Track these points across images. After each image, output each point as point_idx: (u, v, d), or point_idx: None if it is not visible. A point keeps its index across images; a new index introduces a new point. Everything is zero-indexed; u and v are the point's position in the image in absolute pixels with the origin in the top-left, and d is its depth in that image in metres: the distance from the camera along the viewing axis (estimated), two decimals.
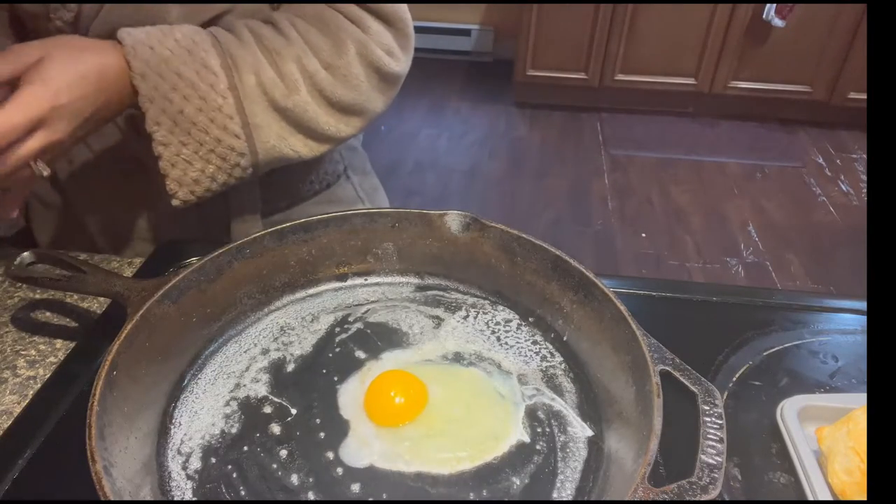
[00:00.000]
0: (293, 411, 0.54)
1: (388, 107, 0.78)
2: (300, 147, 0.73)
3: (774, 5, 2.88)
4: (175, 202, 0.68)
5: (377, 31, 0.72)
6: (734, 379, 0.60)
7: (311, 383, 0.56)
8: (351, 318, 0.63)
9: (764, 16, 2.93)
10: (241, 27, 0.69)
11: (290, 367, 0.58)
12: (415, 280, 0.67)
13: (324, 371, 0.57)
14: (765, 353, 0.63)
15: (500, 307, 0.64)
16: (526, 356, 0.59)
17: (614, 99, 3.31)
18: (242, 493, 0.48)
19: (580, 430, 0.53)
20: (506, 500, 0.48)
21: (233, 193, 0.79)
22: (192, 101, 0.65)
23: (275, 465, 0.49)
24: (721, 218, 2.67)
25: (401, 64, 0.75)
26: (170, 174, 0.67)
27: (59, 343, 0.65)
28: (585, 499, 0.48)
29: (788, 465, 0.53)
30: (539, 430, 0.53)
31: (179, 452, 0.50)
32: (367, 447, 0.51)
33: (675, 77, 3.18)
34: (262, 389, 0.55)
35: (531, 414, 0.54)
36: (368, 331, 0.62)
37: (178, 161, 0.66)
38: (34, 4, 0.68)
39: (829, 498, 0.49)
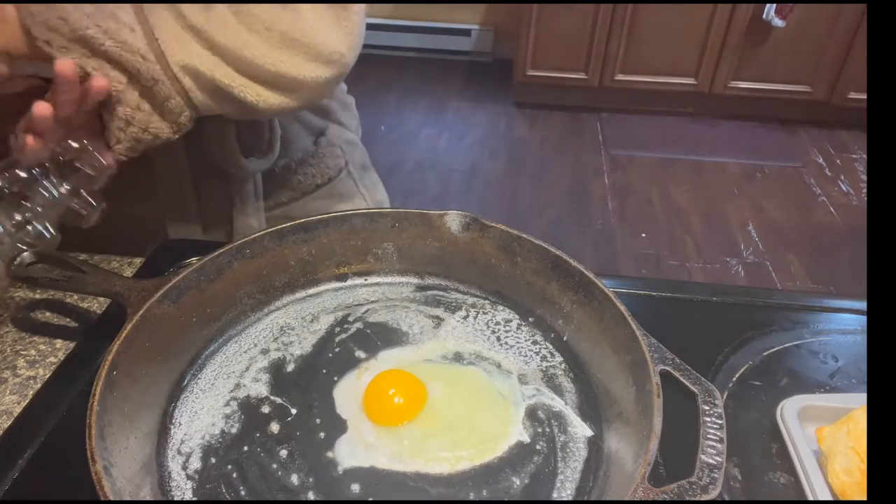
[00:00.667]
0: (293, 411, 0.54)
1: (352, 52, 0.65)
2: (261, 95, 0.62)
3: (774, 5, 2.88)
4: (116, 150, 0.62)
5: None
6: (734, 379, 0.60)
7: (311, 383, 0.56)
8: (351, 318, 0.63)
9: (764, 16, 2.93)
10: None
11: (290, 367, 0.58)
12: (415, 280, 0.67)
13: (324, 371, 0.57)
14: (765, 353, 0.63)
15: (500, 307, 0.64)
16: (526, 356, 0.59)
17: (614, 99, 3.31)
18: (242, 493, 0.48)
19: (580, 430, 0.53)
20: (506, 500, 0.48)
21: (234, 187, 0.79)
22: (100, 23, 0.56)
23: (275, 465, 0.49)
24: (721, 218, 2.67)
25: None
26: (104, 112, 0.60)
27: (59, 343, 0.65)
28: (585, 499, 0.48)
29: (788, 465, 0.53)
30: (539, 430, 0.53)
31: (179, 452, 0.50)
32: (366, 447, 0.51)
33: (675, 77, 3.18)
34: (262, 389, 0.55)
35: (531, 414, 0.54)
36: (368, 331, 0.62)
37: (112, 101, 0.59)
38: None
39: (829, 498, 0.49)
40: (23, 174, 0.63)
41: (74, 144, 0.65)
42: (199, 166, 0.79)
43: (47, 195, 0.65)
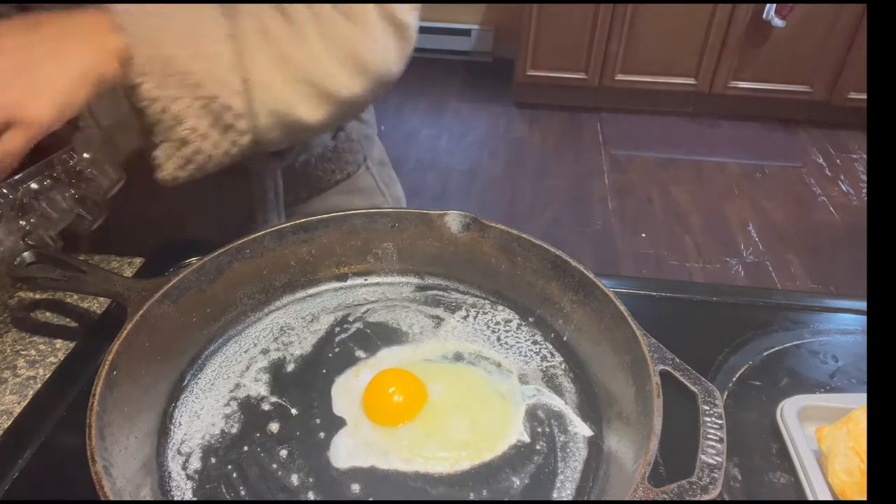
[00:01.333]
0: (293, 411, 0.54)
1: (399, 70, 0.69)
2: (305, 110, 0.63)
3: (774, 5, 2.88)
4: (158, 163, 0.60)
5: None
6: (734, 379, 0.60)
7: (311, 383, 0.56)
8: (351, 318, 0.63)
9: (764, 16, 2.93)
10: None
11: (290, 367, 0.58)
12: (415, 280, 0.67)
13: (324, 371, 0.57)
14: (765, 353, 0.63)
15: (500, 307, 0.64)
16: (526, 356, 0.59)
17: (614, 99, 3.31)
18: (242, 493, 0.48)
19: (580, 430, 0.53)
20: (506, 500, 0.48)
21: (254, 183, 0.78)
22: (187, 48, 0.56)
23: (275, 465, 0.49)
24: (721, 218, 2.67)
25: (412, 17, 0.67)
26: (155, 132, 0.59)
27: (59, 343, 0.65)
28: (585, 499, 0.48)
29: (788, 465, 0.53)
30: (539, 430, 0.53)
31: (179, 452, 0.50)
32: (366, 446, 0.51)
33: (675, 77, 3.18)
34: (262, 389, 0.55)
35: (531, 414, 0.54)
36: (368, 331, 0.62)
37: (165, 117, 0.58)
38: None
39: (829, 498, 0.49)
40: (34, 185, 0.64)
41: (86, 155, 0.66)
42: None
43: (56, 206, 0.65)
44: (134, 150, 0.74)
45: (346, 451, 0.50)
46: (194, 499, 0.47)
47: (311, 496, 0.47)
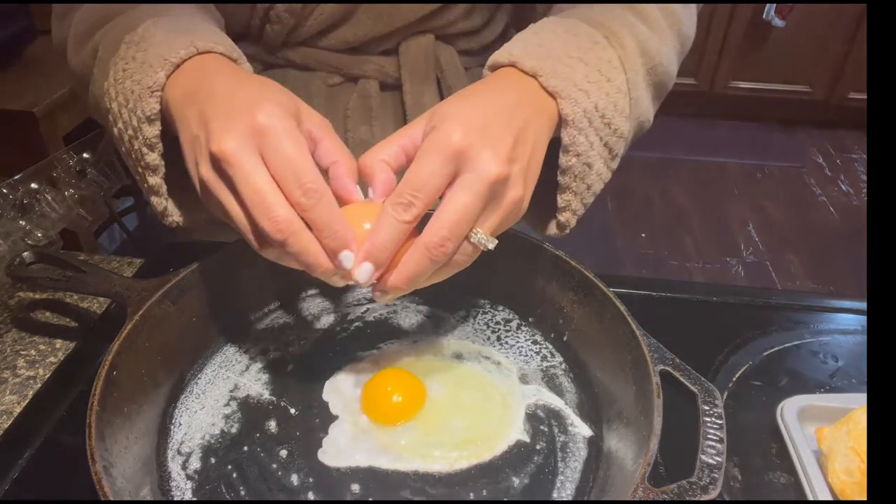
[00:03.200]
0: (293, 411, 0.54)
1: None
2: (651, 114, 0.59)
3: (774, 5, 2.88)
4: (563, 217, 0.55)
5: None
6: (734, 379, 0.60)
7: (310, 383, 0.56)
8: (351, 318, 0.63)
9: (764, 16, 2.93)
10: None
11: (290, 367, 0.58)
12: None
13: (324, 371, 0.57)
14: (765, 353, 0.63)
15: (500, 307, 0.64)
16: (526, 356, 0.59)
17: None
18: (242, 493, 0.48)
19: (580, 430, 0.53)
20: (506, 500, 0.48)
21: None
22: (601, 87, 0.51)
23: (275, 465, 0.49)
24: (721, 218, 2.67)
25: None
26: (571, 186, 0.53)
27: (59, 343, 0.65)
28: (585, 499, 0.48)
29: (788, 465, 0.53)
30: (539, 430, 0.53)
31: (179, 452, 0.50)
32: (365, 446, 0.51)
33: (676, 77, 3.18)
34: (261, 389, 0.55)
35: (531, 414, 0.54)
36: (368, 330, 0.62)
37: (579, 162, 0.52)
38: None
39: (829, 498, 0.49)
40: (34, 185, 0.64)
41: (86, 155, 0.66)
42: None
43: (56, 206, 0.65)
44: None
45: (345, 451, 0.50)
46: (194, 499, 0.47)
47: (310, 496, 0.47)
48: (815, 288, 2.33)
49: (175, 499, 0.47)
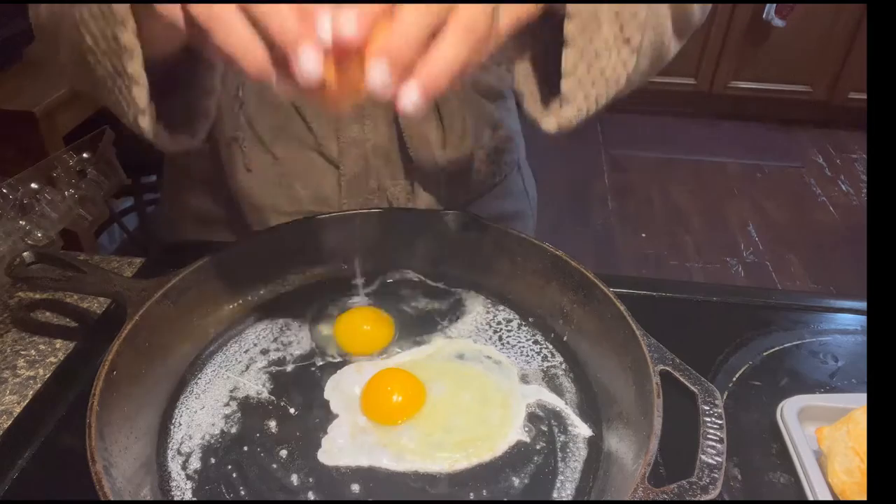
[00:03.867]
0: (293, 411, 0.54)
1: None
2: (671, 42, 0.59)
3: (774, 5, 2.88)
4: (567, 111, 0.55)
5: None
6: (734, 379, 0.60)
7: (310, 383, 0.56)
8: None
9: (764, 16, 2.93)
10: None
11: (290, 368, 0.58)
12: (415, 280, 0.67)
13: (323, 371, 0.57)
14: (765, 353, 0.63)
15: (500, 307, 0.64)
16: (527, 356, 0.59)
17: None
18: (242, 493, 0.48)
19: (580, 430, 0.53)
20: (506, 500, 0.48)
21: (416, 190, 0.76)
22: None
23: (275, 465, 0.49)
24: (721, 218, 2.67)
25: None
26: (577, 70, 0.53)
27: (59, 343, 0.65)
28: (585, 499, 0.48)
29: (788, 465, 0.53)
30: (539, 430, 0.53)
31: (179, 452, 0.50)
32: (365, 446, 0.51)
33: (675, 77, 3.18)
34: (261, 389, 0.55)
35: (531, 414, 0.54)
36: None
37: (588, 47, 0.52)
38: None
39: (829, 498, 0.49)
40: (34, 185, 0.64)
41: (86, 155, 0.66)
42: None
43: (56, 206, 0.65)
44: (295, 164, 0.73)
45: (345, 451, 0.50)
46: (194, 499, 0.47)
47: (310, 496, 0.47)
48: (815, 288, 2.33)
49: (175, 499, 0.47)
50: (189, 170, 0.83)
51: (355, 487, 0.48)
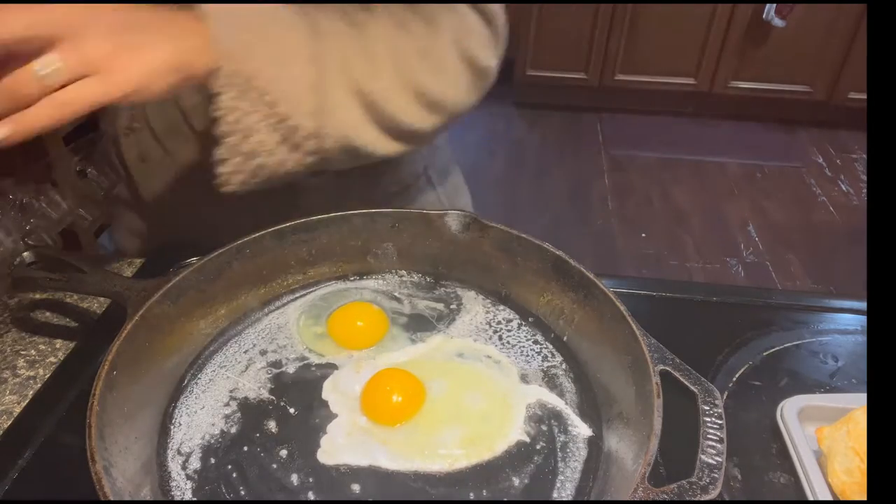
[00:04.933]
0: (292, 411, 0.54)
1: (474, 106, 0.70)
2: (375, 142, 0.64)
3: (774, 5, 2.88)
4: (222, 170, 0.59)
5: (473, 21, 0.66)
6: (734, 379, 0.60)
7: (310, 383, 0.56)
8: None
9: (764, 16, 2.93)
10: None
11: (290, 368, 0.58)
12: (415, 280, 0.67)
13: (323, 371, 0.57)
14: (765, 353, 0.63)
15: (500, 307, 0.64)
16: (527, 356, 0.59)
17: (614, 99, 3.31)
18: (242, 493, 0.48)
19: (580, 430, 0.53)
20: (506, 500, 0.48)
21: (303, 196, 0.76)
22: (271, 67, 0.57)
23: (275, 465, 0.49)
24: (721, 218, 2.67)
25: (494, 61, 0.69)
26: (226, 141, 0.58)
27: (59, 343, 0.65)
28: (585, 499, 0.48)
29: (788, 465, 0.53)
30: (539, 429, 0.53)
31: (179, 452, 0.50)
32: (365, 446, 0.51)
33: (675, 77, 3.18)
34: (261, 389, 0.55)
35: (531, 414, 0.54)
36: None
37: (237, 128, 0.57)
38: None
39: (829, 498, 0.49)
40: (35, 185, 0.64)
41: (86, 155, 0.66)
42: None
43: (56, 206, 0.65)
44: (185, 158, 0.74)
45: (345, 451, 0.50)
46: (194, 499, 0.47)
47: (310, 496, 0.47)
48: (815, 288, 2.33)
49: (175, 499, 0.47)
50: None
51: (355, 487, 0.48)
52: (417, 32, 0.63)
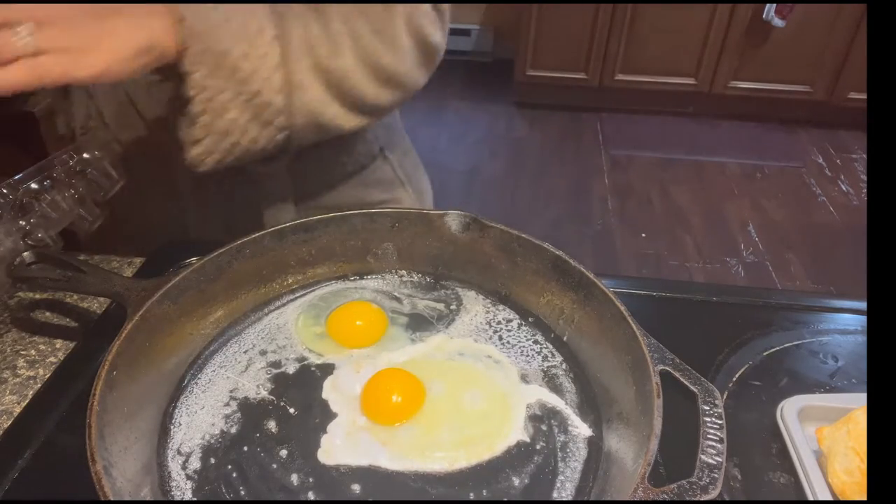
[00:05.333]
0: (292, 411, 0.54)
1: (424, 82, 0.76)
2: (339, 117, 0.68)
3: (774, 5, 2.88)
4: (196, 151, 0.62)
5: (422, 3, 0.70)
6: (734, 379, 0.60)
7: (310, 383, 0.56)
8: None
9: (764, 16, 2.93)
10: None
11: (289, 368, 0.58)
12: (415, 280, 0.67)
13: (323, 371, 0.57)
14: (765, 353, 0.63)
15: (500, 307, 0.64)
16: (527, 356, 0.59)
17: (614, 99, 3.31)
18: (242, 493, 0.48)
19: (580, 430, 0.53)
20: (506, 500, 0.48)
21: (263, 180, 0.78)
22: (240, 45, 0.60)
23: (275, 465, 0.49)
24: (721, 218, 2.67)
25: (441, 38, 0.74)
26: (199, 120, 0.61)
27: (59, 343, 0.65)
28: (585, 499, 0.48)
29: (788, 465, 0.53)
30: (539, 429, 0.53)
31: (179, 452, 0.50)
32: (365, 446, 0.51)
33: (675, 77, 3.18)
34: (261, 389, 0.55)
35: (531, 413, 0.54)
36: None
37: (211, 107, 0.61)
38: None
39: (829, 498, 0.49)
40: (34, 185, 0.64)
41: (86, 155, 0.66)
42: None
43: (56, 206, 0.65)
44: (137, 150, 0.74)
45: (345, 451, 0.50)
46: (194, 499, 0.47)
47: (310, 496, 0.47)
48: (815, 288, 2.33)
49: (175, 499, 0.47)
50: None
51: (355, 487, 0.48)
52: (374, 13, 0.66)
